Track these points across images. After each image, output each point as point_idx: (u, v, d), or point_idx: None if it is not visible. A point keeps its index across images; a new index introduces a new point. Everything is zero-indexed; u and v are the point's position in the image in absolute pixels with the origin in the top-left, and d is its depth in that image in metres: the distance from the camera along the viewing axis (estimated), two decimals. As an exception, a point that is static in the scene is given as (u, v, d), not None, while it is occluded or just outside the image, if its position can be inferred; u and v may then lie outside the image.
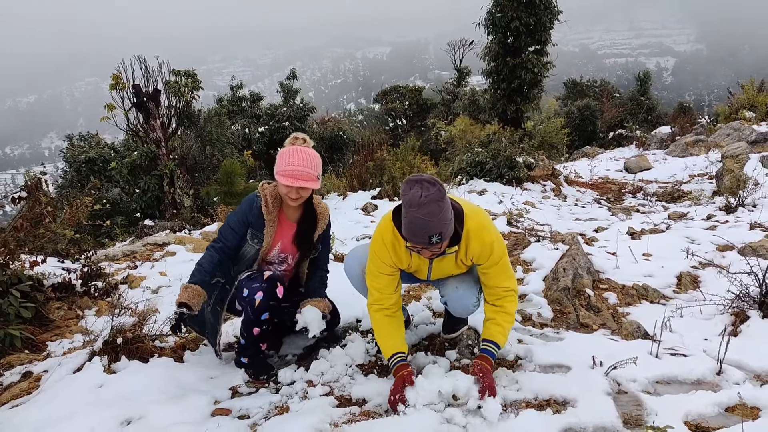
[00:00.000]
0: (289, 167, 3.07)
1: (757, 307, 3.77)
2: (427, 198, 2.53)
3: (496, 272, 2.95)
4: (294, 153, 3.11)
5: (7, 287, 4.12)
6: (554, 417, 2.64)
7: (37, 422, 2.77)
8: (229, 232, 3.29)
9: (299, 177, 3.07)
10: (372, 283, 3.04)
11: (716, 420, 2.62)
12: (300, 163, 3.08)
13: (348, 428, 2.59)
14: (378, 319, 3.03)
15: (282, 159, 3.12)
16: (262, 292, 3.12)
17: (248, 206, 3.28)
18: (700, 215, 7.61)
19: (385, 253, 2.94)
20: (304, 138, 3.24)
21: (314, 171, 3.15)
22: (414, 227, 2.60)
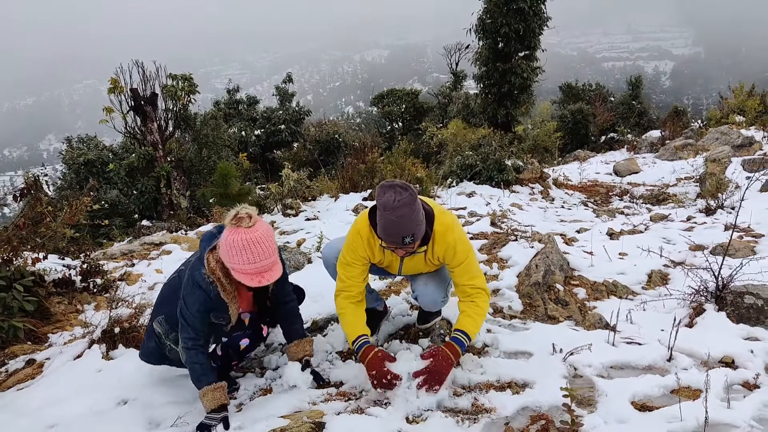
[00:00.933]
0: (251, 266, 2.75)
1: (713, 301, 4.03)
2: (399, 202, 2.77)
3: (461, 271, 3.17)
4: (250, 247, 2.73)
5: (10, 282, 4.35)
6: (513, 396, 2.91)
7: (41, 402, 3.03)
8: (200, 325, 2.94)
9: (264, 272, 2.80)
10: (343, 272, 3.27)
11: (660, 400, 2.89)
12: (260, 257, 2.75)
13: (324, 406, 2.85)
14: (344, 306, 3.26)
15: (237, 254, 2.73)
16: (248, 339, 3.13)
17: (205, 296, 2.90)
18: (681, 217, 7.84)
19: (360, 246, 3.18)
20: (249, 214, 2.81)
21: (274, 255, 2.84)
22: (388, 229, 2.84)
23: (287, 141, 21.28)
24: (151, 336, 3.16)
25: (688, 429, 2.60)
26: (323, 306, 4.20)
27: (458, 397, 2.95)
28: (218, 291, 2.90)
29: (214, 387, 2.85)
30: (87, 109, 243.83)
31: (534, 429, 2.66)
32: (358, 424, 2.63)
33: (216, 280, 2.89)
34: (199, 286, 2.89)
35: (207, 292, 2.89)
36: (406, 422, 2.72)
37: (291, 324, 3.33)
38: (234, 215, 2.80)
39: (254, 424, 2.74)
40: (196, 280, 2.91)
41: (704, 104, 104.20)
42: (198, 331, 2.93)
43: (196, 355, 2.91)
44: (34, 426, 2.80)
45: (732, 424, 2.63)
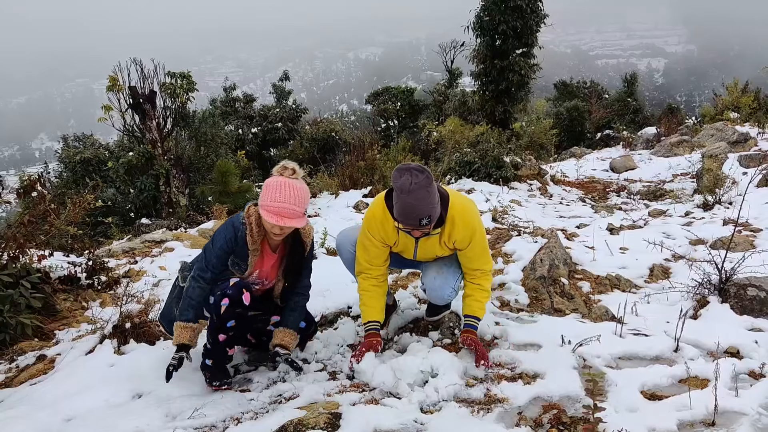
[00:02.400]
0: (275, 204, 2.90)
1: (716, 293, 4.09)
2: (416, 185, 2.85)
3: (475, 256, 3.30)
4: (281, 188, 2.91)
5: (17, 279, 4.37)
6: (525, 387, 2.96)
7: (55, 396, 3.05)
8: (216, 262, 3.12)
9: (284, 215, 2.91)
10: (361, 254, 3.38)
11: (669, 390, 2.95)
12: (286, 199, 2.90)
13: (339, 397, 2.89)
14: (364, 286, 3.39)
15: (268, 192, 2.94)
16: (228, 299, 3.06)
17: (233, 234, 3.11)
18: (679, 212, 7.92)
19: (375, 227, 3.26)
20: (294, 168, 3.02)
21: (300, 208, 2.98)
22: (405, 211, 2.93)
23: (284, 139, 21.29)
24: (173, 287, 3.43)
25: (697, 417, 2.65)
26: (331, 301, 4.24)
27: (471, 387, 2.99)
28: (245, 234, 3.09)
29: (184, 325, 3.05)
30: (80, 108, 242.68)
31: (546, 418, 2.70)
32: (374, 415, 2.67)
33: (248, 223, 3.08)
34: (233, 225, 3.13)
35: (236, 230, 3.10)
36: (421, 412, 2.76)
37: (289, 311, 3.38)
38: (281, 165, 3.03)
39: (271, 415, 2.77)
40: (233, 220, 3.17)
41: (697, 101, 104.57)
42: (211, 264, 3.11)
43: (193, 289, 3.10)
44: (52, 419, 2.81)
45: (741, 411, 2.68)
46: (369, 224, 3.29)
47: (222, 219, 9.00)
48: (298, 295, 3.41)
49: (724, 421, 2.63)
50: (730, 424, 2.60)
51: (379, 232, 3.26)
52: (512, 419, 2.71)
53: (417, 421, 2.67)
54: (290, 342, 3.28)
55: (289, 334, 3.29)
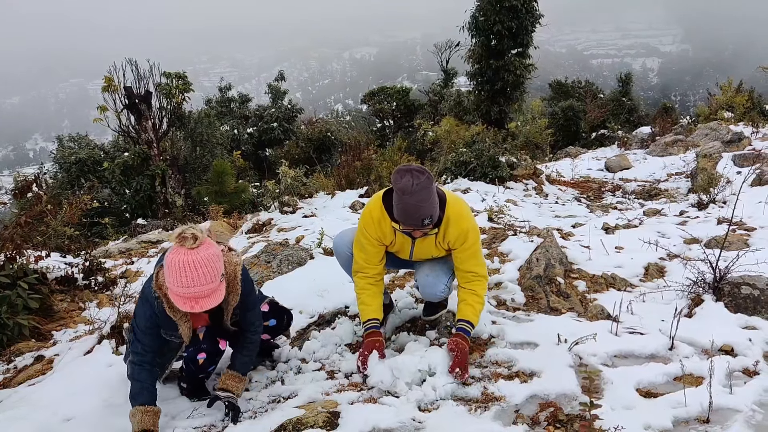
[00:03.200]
0: (184, 290, 2.57)
1: (711, 292, 4.13)
2: (418, 186, 2.88)
3: (467, 257, 3.30)
4: (185, 270, 2.54)
5: (14, 280, 4.37)
6: (522, 385, 2.98)
7: (54, 397, 3.06)
8: (150, 340, 2.85)
9: (198, 297, 2.60)
10: (358, 254, 3.39)
11: (664, 387, 2.98)
12: (194, 282, 2.56)
13: (337, 396, 2.91)
14: (361, 285, 3.40)
15: (172, 275, 2.58)
16: (205, 353, 3.01)
17: (151, 310, 2.81)
18: (674, 212, 7.96)
19: (372, 227, 3.27)
20: (194, 235, 2.61)
21: (213, 282, 2.63)
22: (408, 212, 2.96)
23: (280, 139, 21.30)
24: None
25: (692, 414, 2.69)
26: (329, 300, 4.26)
27: (468, 386, 3.01)
28: (164, 308, 2.78)
29: (144, 409, 2.74)
30: (74, 108, 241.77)
31: (543, 416, 2.73)
32: (372, 413, 2.69)
33: (162, 296, 2.76)
34: (147, 301, 2.80)
35: (153, 308, 2.79)
36: (419, 410, 2.79)
37: (235, 355, 3.10)
38: (178, 233, 2.62)
39: (270, 414, 2.79)
40: (146, 293, 2.83)
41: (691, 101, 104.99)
42: (146, 346, 2.83)
43: (139, 372, 2.82)
44: (52, 419, 2.83)
45: (735, 408, 2.71)
46: (366, 224, 3.30)
47: (218, 219, 9.01)
48: (245, 333, 3.12)
49: (719, 418, 2.66)
50: (725, 421, 2.64)
51: (375, 231, 3.28)
52: (509, 417, 2.73)
53: (415, 419, 2.69)
54: (235, 386, 2.97)
55: (234, 377, 2.99)
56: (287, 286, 4.65)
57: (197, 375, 3.11)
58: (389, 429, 2.61)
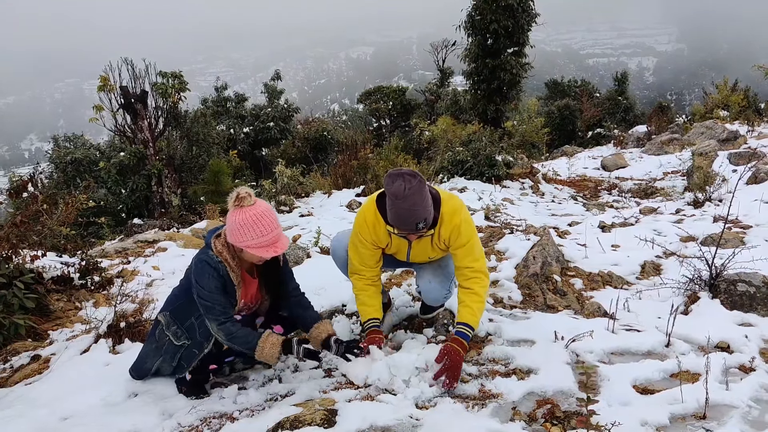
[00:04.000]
0: (265, 238, 2.82)
1: (707, 289, 4.14)
2: (410, 190, 2.86)
3: (463, 253, 3.24)
4: (260, 221, 2.81)
5: (10, 279, 4.35)
6: (519, 382, 2.99)
7: (51, 395, 3.05)
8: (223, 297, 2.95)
9: (278, 243, 2.89)
10: (353, 256, 3.38)
11: (661, 384, 2.98)
12: (271, 229, 2.84)
13: (335, 394, 2.91)
14: (359, 286, 3.40)
15: (247, 231, 2.80)
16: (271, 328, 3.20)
17: (216, 273, 2.92)
18: (670, 210, 7.98)
19: (366, 231, 3.26)
20: (248, 193, 2.88)
21: (280, 226, 2.94)
22: (402, 217, 2.94)
23: (276, 138, 21.27)
24: (154, 334, 3.13)
25: (689, 410, 2.69)
26: (325, 299, 4.26)
27: (465, 383, 3.01)
28: (227, 270, 2.94)
29: (264, 338, 2.94)
30: (69, 108, 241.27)
31: (541, 413, 2.73)
32: (370, 411, 2.68)
33: (223, 260, 2.94)
34: (210, 266, 2.92)
35: (217, 272, 2.92)
36: (416, 408, 2.78)
37: (306, 311, 3.33)
38: (236, 197, 2.85)
39: (267, 413, 2.78)
40: (205, 261, 2.94)
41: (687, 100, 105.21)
42: (223, 305, 2.94)
43: (233, 326, 2.93)
44: (50, 417, 2.82)
45: (731, 404, 2.72)
46: (360, 228, 3.29)
47: (214, 219, 8.99)
48: (299, 296, 3.37)
49: (715, 414, 2.67)
50: (721, 417, 2.64)
51: (370, 235, 3.27)
52: (506, 414, 2.73)
53: (412, 416, 2.69)
54: (333, 330, 3.27)
55: (327, 324, 3.27)
56: (284, 285, 4.65)
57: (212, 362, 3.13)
58: (387, 426, 2.60)
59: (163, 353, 3.08)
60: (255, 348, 2.92)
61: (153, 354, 3.11)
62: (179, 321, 3.07)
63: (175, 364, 3.06)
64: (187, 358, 3.04)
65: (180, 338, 3.03)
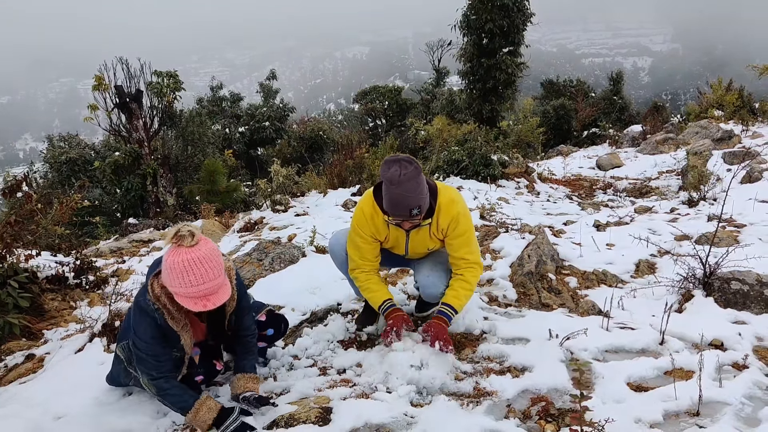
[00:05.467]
0: (194, 289, 2.51)
1: (701, 287, 4.16)
2: (405, 176, 2.89)
3: (459, 243, 3.29)
4: (192, 268, 2.49)
5: (5, 279, 4.35)
6: (513, 380, 3.00)
7: (45, 395, 3.05)
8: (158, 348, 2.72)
9: (209, 294, 2.56)
10: (353, 252, 3.40)
11: (654, 381, 3.00)
12: (204, 279, 2.52)
13: (330, 392, 2.92)
14: (363, 279, 3.41)
15: (177, 277, 2.50)
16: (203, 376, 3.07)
17: (154, 323, 2.67)
18: (665, 209, 8.02)
19: (365, 224, 3.28)
20: (191, 232, 2.57)
21: (221, 276, 2.60)
22: (396, 202, 2.96)
23: (271, 138, 21.28)
24: (119, 362, 3.01)
25: (682, 407, 2.71)
26: (321, 297, 4.26)
27: (460, 381, 3.03)
28: (165, 318, 2.68)
29: (200, 402, 2.70)
30: (64, 108, 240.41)
31: (535, 410, 2.75)
32: (364, 408, 2.70)
33: (162, 307, 2.67)
34: (146, 313, 2.67)
35: (155, 319, 2.67)
36: (411, 405, 2.80)
37: (242, 359, 3.06)
38: (174, 233, 2.56)
39: (261, 410, 2.79)
40: (142, 306, 2.69)
41: (682, 99, 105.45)
42: (158, 357, 2.72)
43: (166, 383, 2.73)
44: (43, 417, 2.82)
45: (725, 401, 2.74)
46: (358, 221, 3.30)
47: (210, 218, 8.97)
48: (245, 338, 3.09)
49: (709, 411, 2.69)
50: (714, 414, 2.66)
51: (369, 227, 3.28)
52: (501, 412, 2.75)
53: (407, 414, 2.70)
54: (254, 387, 2.94)
55: (251, 379, 2.96)
56: (279, 284, 4.66)
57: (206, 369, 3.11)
58: (381, 424, 2.61)
59: (133, 379, 2.95)
60: (189, 410, 2.68)
61: (125, 375, 2.98)
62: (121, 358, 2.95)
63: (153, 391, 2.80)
64: None
65: None
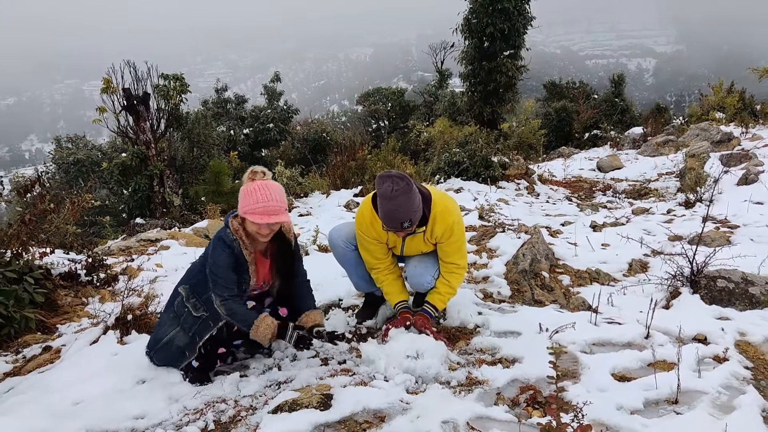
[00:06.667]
0: (260, 205, 3.03)
1: (688, 285, 4.33)
2: (397, 192, 3.13)
3: (452, 250, 3.57)
4: (261, 189, 3.06)
5: (21, 275, 4.53)
6: (504, 370, 3.17)
7: (64, 382, 3.24)
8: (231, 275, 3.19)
9: (271, 212, 3.05)
10: (365, 254, 3.69)
11: (638, 372, 3.17)
12: (269, 198, 3.05)
13: (331, 380, 3.10)
14: (380, 278, 3.70)
15: (248, 197, 3.07)
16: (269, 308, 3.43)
17: (229, 250, 3.17)
18: (661, 210, 8.17)
19: (367, 228, 3.55)
20: (263, 171, 3.18)
21: (282, 204, 3.12)
22: (388, 215, 3.21)
23: (275, 140, 21.47)
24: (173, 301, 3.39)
25: (662, 395, 2.88)
26: (323, 294, 4.43)
27: (453, 371, 3.20)
28: (241, 248, 3.18)
29: (260, 319, 3.17)
30: (69, 109, 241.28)
31: (523, 398, 2.92)
32: (363, 395, 2.88)
33: (238, 238, 3.17)
34: (224, 242, 3.17)
35: (231, 248, 3.16)
36: (407, 393, 2.97)
37: (305, 299, 3.55)
38: (250, 170, 3.15)
39: (267, 397, 2.97)
40: (221, 237, 3.19)
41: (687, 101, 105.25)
42: (230, 282, 3.18)
43: (233, 303, 3.16)
44: (62, 402, 3.00)
45: (702, 390, 2.91)
46: (360, 226, 3.57)
47: (215, 218, 9.16)
48: (303, 281, 3.60)
49: (687, 399, 2.86)
50: (692, 402, 2.83)
51: (370, 231, 3.54)
52: (491, 399, 2.92)
53: (403, 400, 2.88)
54: (321, 320, 3.47)
55: (317, 314, 3.48)
56: (283, 281, 4.84)
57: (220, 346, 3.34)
58: (378, 409, 2.79)
59: (181, 323, 3.29)
60: (251, 326, 3.14)
61: (170, 323, 3.33)
62: (198, 294, 3.30)
63: (190, 334, 3.23)
64: (201, 332, 3.23)
65: (198, 310, 3.26)
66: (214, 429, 2.79)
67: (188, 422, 2.86)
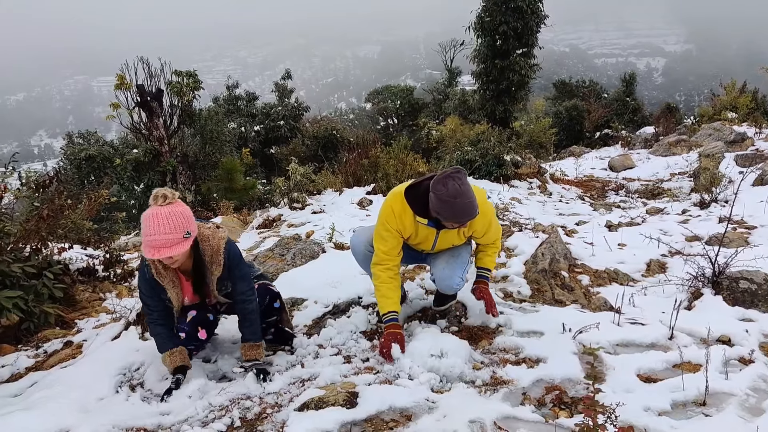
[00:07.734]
0: (146, 238, 2.86)
1: (710, 286, 4.30)
2: (464, 186, 3.11)
3: (490, 237, 3.66)
4: (149, 220, 2.85)
5: (40, 270, 4.54)
6: (528, 370, 3.16)
7: (87, 378, 3.26)
8: (152, 301, 3.22)
9: (156, 246, 2.84)
10: (379, 246, 3.53)
11: (663, 373, 3.15)
12: (155, 231, 2.83)
13: (355, 378, 3.09)
14: (381, 278, 3.52)
15: (142, 226, 2.90)
16: (185, 333, 3.32)
17: (143, 277, 3.17)
18: (676, 210, 8.11)
19: (393, 220, 3.44)
20: (164, 194, 2.94)
21: (173, 234, 2.87)
22: (463, 212, 3.15)
23: (286, 137, 21.49)
24: None
25: (689, 397, 2.85)
26: (342, 291, 4.43)
27: (478, 370, 3.19)
28: (152, 274, 3.12)
29: (170, 352, 3.18)
30: (78, 105, 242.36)
31: (549, 398, 2.90)
32: (388, 393, 2.87)
33: (150, 263, 3.11)
34: (142, 268, 3.18)
35: (144, 275, 3.16)
36: (432, 392, 2.96)
37: (242, 326, 3.35)
38: (152, 194, 2.97)
39: (292, 394, 2.97)
40: (142, 263, 3.20)
41: (696, 101, 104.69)
42: (151, 307, 3.23)
43: (155, 327, 3.24)
44: (87, 398, 3.01)
45: (730, 392, 2.88)
46: (387, 217, 3.46)
47: (228, 214, 9.19)
48: (241, 303, 3.33)
49: (715, 401, 2.83)
50: (720, 404, 2.80)
51: (396, 224, 3.44)
52: (517, 399, 2.91)
53: (428, 399, 2.87)
54: (255, 353, 3.30)
55: (251, 347, 3.30)
56: (302, 278, 4.85)
57: None
58: (405, 407, 2.79)
59: None
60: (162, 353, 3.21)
61: None
62: None
63: None
64: None
65: None
66: (240, 426, 2.79)
67: (214, 419, 2.87)
